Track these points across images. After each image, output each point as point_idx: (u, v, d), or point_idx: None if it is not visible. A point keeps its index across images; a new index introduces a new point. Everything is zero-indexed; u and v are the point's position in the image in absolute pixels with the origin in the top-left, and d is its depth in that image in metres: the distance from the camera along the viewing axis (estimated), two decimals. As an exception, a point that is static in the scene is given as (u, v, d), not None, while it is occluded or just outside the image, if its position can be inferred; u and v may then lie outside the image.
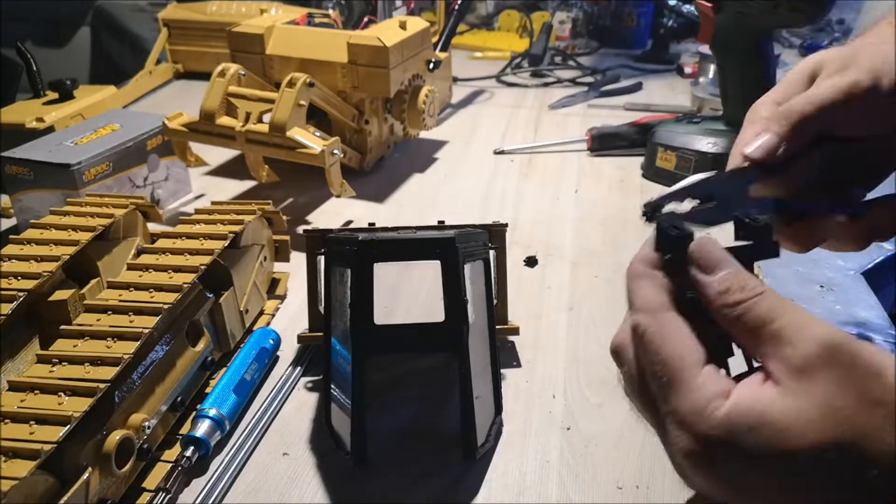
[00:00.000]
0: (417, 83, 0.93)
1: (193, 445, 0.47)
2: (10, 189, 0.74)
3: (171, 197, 0.87)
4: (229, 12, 1.28)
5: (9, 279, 0.49)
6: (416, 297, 0.65)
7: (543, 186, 0.91)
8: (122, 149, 0.77)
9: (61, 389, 0.40)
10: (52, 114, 0.91)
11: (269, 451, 0.50)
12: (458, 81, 1.32)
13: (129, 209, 0.60)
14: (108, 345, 0.43)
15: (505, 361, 0.59)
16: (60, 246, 0.53)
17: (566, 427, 0.52)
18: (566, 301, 0.66)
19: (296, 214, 0.83)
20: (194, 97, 0.83)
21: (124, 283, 0.49)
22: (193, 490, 0.46)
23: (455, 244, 0.46)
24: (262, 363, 0.56)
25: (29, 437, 0.37)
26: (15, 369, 0.49)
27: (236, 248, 0.59)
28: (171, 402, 0.49)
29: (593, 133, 1.01)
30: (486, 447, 0.49)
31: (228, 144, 0.80)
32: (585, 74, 1.35)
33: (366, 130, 0.91)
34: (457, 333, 0.46)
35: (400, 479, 0.48)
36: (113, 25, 1.74)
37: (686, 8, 1.52)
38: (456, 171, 0.97)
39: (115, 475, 0.42)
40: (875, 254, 0.73)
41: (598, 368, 0.58)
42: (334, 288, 0.51)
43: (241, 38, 0.89)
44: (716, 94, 1.05)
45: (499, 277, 0.58)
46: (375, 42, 0.82)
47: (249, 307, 0.60)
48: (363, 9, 1.44)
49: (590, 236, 0.78)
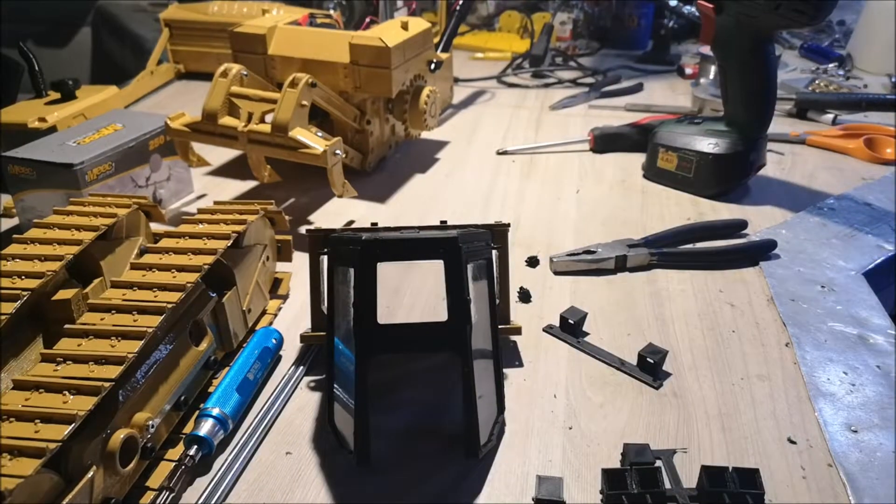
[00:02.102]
0: (419, 83, 0.93)
1: (197, 444, 0.48)
2: (13, 189, 0.75)
3: (174, 197, 0.87)
4: (231, 13, 1.28)
5: (12, 278, 0.49)
6: (419, 297, 0.65)
7: (545, 187, 0.91)
8: (125, 149, 0.77)
9: (66, 388, 0.40)
10: (55, 114, 0.92)
11: (272, 450, 0.50)
12: (460, 82, 1.33)
13: (131, 209, 0.60)
14: (112, 344, 0.44)
15: (507, 361, 0.59)
16: (63, 245, 0.53)
17: (568, 426, 0.52)
18: (568, 301, 0.66)
19: (298, 214, 0.83)
20: (196, 97, 0.83)
21: (127, 282, 0.50)
22: (197, 489, 0.47)
23: (458, 244, 0.46)
24: (265, 362, 0.56)
25: (34, 435, 0.37)
26: (19, 368, 0.49)
27: (239, 247, 0.59)
28: (175, 401, 0.49)
29: (596, 133, 1.01)
30: (489, 446, 0.49)
31: (230, 144, 0.80)
32: (586, 75, 1.36)
33: (367, 131, 0.91)
34: (459, 333, 0.46)
35: (402, 478, 0.48)
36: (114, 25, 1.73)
37: (687, 9, 1.53)
38: (457, 171, 0.97)
39: (119, 474, 0.42)
40: (876, 254, 0.73)
41: (600, 368, 0.58)
42: (337, 287, 0.51)
43: (243, 38, 0.89)
44: (717, 94, 1.05)
45: (501, 277, 0.58)
46: (377, 42, 0.82)
47: (252, 307, 0.60)
48: (365, 9, 1.44)
49: (591, 237, 0.78)
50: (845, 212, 0.83)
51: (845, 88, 1.25)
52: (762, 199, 0.87)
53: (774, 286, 0.68)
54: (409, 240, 0.49)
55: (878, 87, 1.26)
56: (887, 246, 0.75)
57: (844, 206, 0.84)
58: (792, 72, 1.36)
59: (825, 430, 0.51)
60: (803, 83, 1.25)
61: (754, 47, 0.79)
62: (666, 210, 0.84)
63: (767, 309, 0.65)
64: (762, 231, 0.78)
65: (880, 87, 1.27)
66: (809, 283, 0.69)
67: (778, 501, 0.45)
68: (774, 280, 0.69)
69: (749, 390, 0.55)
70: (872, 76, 1.32)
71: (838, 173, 0.94)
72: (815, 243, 0.76)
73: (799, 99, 1.12)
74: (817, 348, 0.60)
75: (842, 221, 0.81)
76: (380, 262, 0.46)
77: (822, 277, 0.70)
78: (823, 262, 0.72)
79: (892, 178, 0.92)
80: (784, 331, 0.62)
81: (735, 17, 0.78)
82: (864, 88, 1.26)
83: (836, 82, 1.27)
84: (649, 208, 0.85)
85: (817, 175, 0.94)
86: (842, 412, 0.53)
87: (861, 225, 0.80)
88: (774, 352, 0.60)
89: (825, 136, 1.03)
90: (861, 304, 0.66)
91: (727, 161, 0.85)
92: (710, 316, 0.65)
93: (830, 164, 0.97)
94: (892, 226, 0.79)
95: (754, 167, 0.87)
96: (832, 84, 1.26)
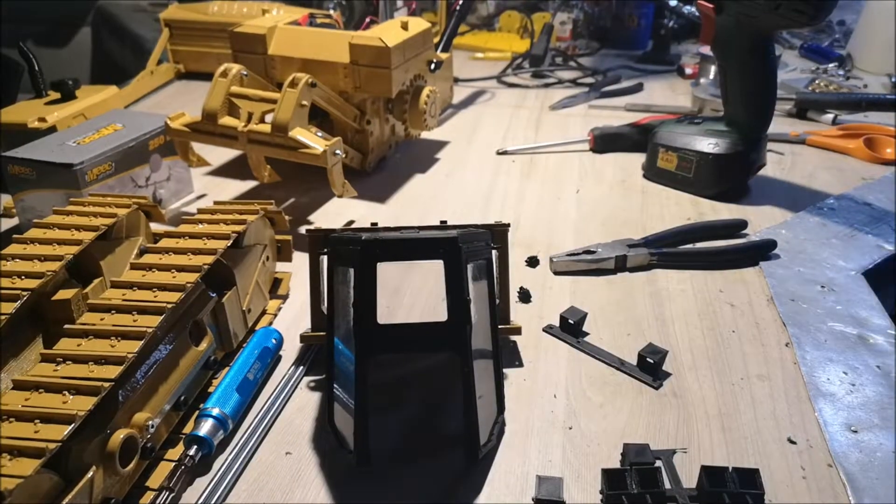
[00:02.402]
0: (419, 83, 0.93)
1: (197, 444, 0.48)
2: (13, 189, 0.75)
3: (174, 197, 0.87)
4: (231, 13, 1.28)
5: (12, 278, 0.49)
6: (419, 297, 0.65)
7: (545, 187, 0.91)
8: (125, 149, 0.77)
9: (65, 388, 0.40)
10: (55, 114, 0.92)
11: (272, 451, 0.50)
12: (460, 82, 1.33)
13: (131, 209, 0.60)
14: (112, 344, 0.44)
15: (507, 361, 0.59)
16: (63, 245, 0.53)
17: (568, 426, 0.52)
18: (568, 301, 0.66)
19: (298, 214, 0.83)
20: (196, 97, 0.83)
21: (127, 282, 0.50)
22: (197, 489, 0.47)
23: (458, 244, 0.46)
24: (265, 363, 0.56)
25: (33, 435, 0.37)
26: (19, 368, 0.49)
27: (239, 247, 0.59)
28: (175, 402, 0.49)
29: (596, 133, 1.01)
30: (489, 446, 0.49)
31: (230, 144, 0.80)
32: (586, 75, 1.36)
33: (367, 131, 0.91)
34: (459, 333, 0.46)
35: (402, 478, 0.48)
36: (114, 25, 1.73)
37: (687, 9, 1.53)
38: (457, 171, 0.97)
39: (119, 474, 0.42)
40: (876, 254, 0.73)
41: (600, 368, 0.58)
42: (337, 288, 0.51)
43: (243, 38, 0.89)
44: (717, 94, 1.05)
45: (501, 277, 0.58)
46: (377, 42, 0.82)
47: (252, 307, 0.60)
48: (364, 9, 1.44)
49: (591, 237, 0.78)
50: (845, 212, 0.83)
51: (845, 88, 1.25)
52: (762, 199, 0.87)
53: (774, 286, 0.68)
54: (408, 240, 0.49)
55: (878, 87, 1.26)
56: (887, 246, 0.75)
57: (844, 206, 0.84)
58: (792, 72, 1.36)
59: (825, 431, 0.51)
60: (803, 83, 1.25)
61: (754, 47, 0.79)
62: (666, 210, 0.84)
63: (767, 309, 0.65)
64: (762, 231, 0.78)
65: (880, 87, 1.27)
66: (809, 283, 0.69)
67: (778, 501, 0.45)
68: (774, 280, 0.69)
69: (749, 390, 0.55)
70: (872, 76, 1.32)
71: (838, 173, 0.94)
72: (815, 243, 0.76)
73: (799, 99, 1.12)
74: (817, 348, 0.60)
75: (842, 221, 0.81)
76: (380, 262, 0.46)
77: (822, 277, 0.70)
78: (823, 262, 0.72)
79: (892, 178, 0.92)
80: (784, 331, 0.62)
81: (735, 17, 0.78)
82: (864, 88, 1.26)
83: (836, 82, 1.27)
84: (649, 208, 0.85)
85: (817, 175, 0.94)
86: (842, 412, 0.53)
87: (861, 225, 0.80)
88: (774, 352, 0.60)
89: (825, 136, 1.03)
90: (861, 304, 0.66)
91: (727, 161, 0.85)
92: (710, 316, 0.65)
93: (830, 164, 0.97)
94: (892, 226, 0.79)
95: (754, 167, 0.87)
96: (832, 84, 1.26)
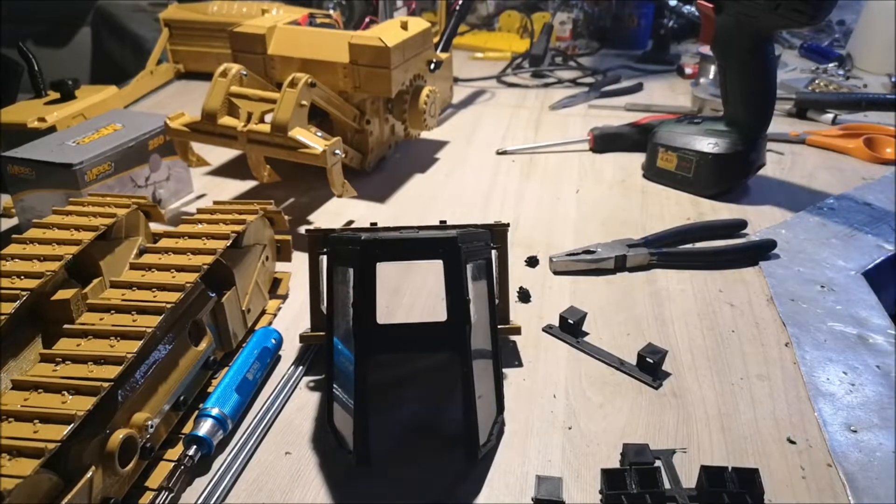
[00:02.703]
0: (419, 83, 0.93)
1: (196, 444, 0.48)
2: (12, 189, 0.75)
3: (173, 197, 0.87)
4: (230, 12, 1.28)
5: (11, 278, 0.49)
6: (418, 297, 0.65)
7: (544, 186, 0.91)
8: (124, 148, 0.77)
9: (65, 388, 0.40)
10: (54, 114, 0.92)
11: (272, 451, 0.50)
12: (459, 82, 1.33)
13: (131, 209, 0.60)
14: (112, 344, 0.43)
15: (506, 361, 0.59)
16: (63, 245, 0.53)
17: (568, 426, 0.52)
18: (567, 301, 0.66)
19: (297, 214, 0.83)
20: (195, 97, 0.83)
21: (127, 282, 0.50)
22: (196, 489, 0.47)
23: (458, 244, 0.46)
24: (265, 363, 0.56)
25: (33, 435, 0.37)
26: (18, 368, 0.49)
27: (238, 247, 0.59)
28: (174, 402, 0.49)
29: (596, 133, 1.01)
30: (488, 446, 0.49)
31: (230, 144, 0.80)
32: (586, 75, 1.36)
33: (367, 130, 0.91)
34: (459, 333, 0.46)
35: (402, 478, 0.48)
36: (114, 25, 1.73)
37: (686, 9, 1.53)
38: (457, 171, 0.97)
39: (119, 474, 0.42)
40: (876, 254, 0.73)
41: (600, 368, 0.58)
42: (336, 287, 0.51)
43: (243, 38, 0.89)
44: (716, 94, 1.05)
45: (500, 277, 0.58)
46: (377, 42, 0.82)
47: (251, 307, 0.60)
48: (364, 9, 1.44)
49: (591, 236, 0.78)
50: (845, 212, 0.83)
51: (845, 88, 1.25)
52: (762, 198, 0.87)
53: (774, 286, 0.68)
54: (408, 240, 0.49)
55: (877, 87, 1.26)
56: (887, 246, 0.75)
57: (844, 206, 0.84)
58: (792, 71, 1.36)
59: (825, 430, 0.51)
60: (803, 83, 1.25)
61: (754, 47, 0.79)
62: (666, 210, 0.84)
63: (767, 309, 0.65)
64: (762, 231, 0.78)
65: (880, 86, 1.27)
66: (809, 283, 0.69)
67: (777, 501, 0.45)
68: (774, 280, 0.69)
69: (749, 390, 0.55)
70: (872, 76, 1.32)
71: (838, 173, 0.94)
72: (815, 243, 0.76)
73: (799, 99, 1.12)
74: (817, 348, 0.60)
75: (842, 221, 0.81)
76: (379, 262, 0.46)
77: (822, 277, 0.70)
78: (823, 262, 0.72)
79: (892, 178, 0.92)
80: (784, 331, 0.62)
81: (735, 17, 0.78)
82: (863, 88, 1.26)
83: (836, 82, 1.27)
84: (649, 208, 0.85)
85: (817, 175, 0.94)
86: (841, 412, 0.53)
87: (861, 225, 0.80)
88: (774, 352, 0.60)
89: (825, 135, 1.03)
90: (861, 304, 0.66)
91: (727, 161, 0.85)
92: (710, 316, 0.65)
93: (830, 164, 0.97)
94: (892, 226, 0.79)
95: (754, 167, 0.87)
96: (832, 84, 1.26)
